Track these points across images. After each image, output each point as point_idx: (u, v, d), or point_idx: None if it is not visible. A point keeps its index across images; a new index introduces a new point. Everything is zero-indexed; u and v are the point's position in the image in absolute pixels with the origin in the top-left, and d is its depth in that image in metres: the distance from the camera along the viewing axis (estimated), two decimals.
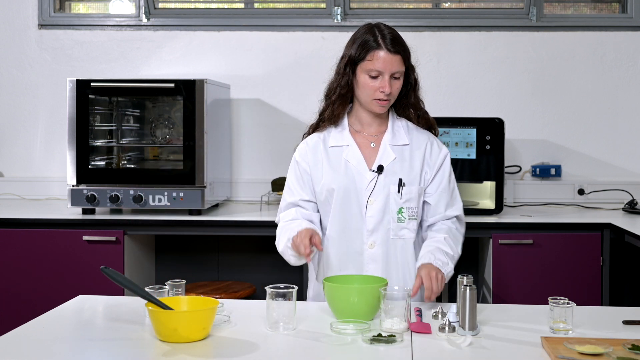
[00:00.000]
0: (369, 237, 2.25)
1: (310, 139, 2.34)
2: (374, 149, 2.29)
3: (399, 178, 2.24)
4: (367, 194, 2.24)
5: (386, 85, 2.19)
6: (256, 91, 4.19)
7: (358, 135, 2.31)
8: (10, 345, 1.75)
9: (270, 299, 1.87)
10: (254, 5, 4.31)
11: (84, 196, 3.56)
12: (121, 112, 3.91)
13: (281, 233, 2.27)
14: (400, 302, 1.87)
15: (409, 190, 2.25)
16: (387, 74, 2.20)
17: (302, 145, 2.34)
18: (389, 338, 1.76)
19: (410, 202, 2.25)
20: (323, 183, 2.27)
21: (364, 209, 2.24)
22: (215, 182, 3.70)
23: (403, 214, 2.24)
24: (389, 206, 2.24)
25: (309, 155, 2.31)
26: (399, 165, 2.26)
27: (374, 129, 2.31)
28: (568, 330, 1.84)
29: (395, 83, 2.23)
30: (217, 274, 4.12)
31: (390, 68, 2.20)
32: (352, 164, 2.26)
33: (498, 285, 3.43)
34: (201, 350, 1.72)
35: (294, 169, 2.33)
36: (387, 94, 2.20)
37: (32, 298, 3.45)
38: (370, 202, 2.24)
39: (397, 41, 2.22)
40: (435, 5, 4.26)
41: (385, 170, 2.25)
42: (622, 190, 3.98)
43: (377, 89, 2.20)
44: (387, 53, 2.19)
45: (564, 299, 1.87)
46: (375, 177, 2.24)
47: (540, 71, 4.13)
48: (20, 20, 4.24)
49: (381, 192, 2.24)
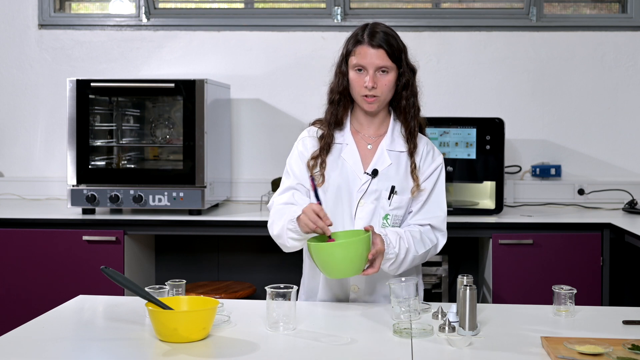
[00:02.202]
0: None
1: (314, 130, 2.31)
2: (370, 151, 2.28)
3: (391, 185, 2.22)
4: (359, 195, 2.22)
5: (369, 79, 2.17)
6: (256, 91, 4.19)
7: (357, 136, 2.30)
8: (10, 345, 1.75)
9: (270, 299, 1.87)
10: (254, 5, 4.31)
11: (84, 196, 3.56)
12: (121, 112, 3.91)
13: (276, 216, 2.20)
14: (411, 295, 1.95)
15: (400, 199, 2.23)
16: (371, 69, 2.17)
17: (305, 134, 2.32)
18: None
19: (397, 210, 2.23)
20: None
21: (354, 210, 2.22)
22: (215, 182, 3.71)
23: (388, 221, 2.22)
24: (378, 210, 2.22)
25: (309, 146, 2.29)
26: (394, 171, 2.24)
27: (372, 130, 2.29)
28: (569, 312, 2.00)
29: (382, 79, 2.19)
30: (217, 274, 4.12)
31: (373, 62, 2.17)
32: (348, 164, 2.25)
33: (498, 285, 3.43)
34: (201, 350, 1.72)
35: (295, 154, 2.30)
36: (369, 88, 2.17)
37: (32, 298, 3.45)
38: (361, 204, 2.22)
39: (382, 36, 2.19)
40: (435, 5, 4.26)
41: (380, 174, 2.23)
42: (622, 190, 3.98)
43: (363, 84, 2.19)
44: (369, 47, 2.18)
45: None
46: (369, 180, 2.23)
47: (540, 71, 4.13)
48: (20, 20, 4.24)
49: (372, 195, 2.22)
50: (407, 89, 2.25)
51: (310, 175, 2.18)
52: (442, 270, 3.78)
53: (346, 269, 1.97)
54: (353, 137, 2.29)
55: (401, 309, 1.94)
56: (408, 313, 1.94)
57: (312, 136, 2.30)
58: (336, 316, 2.04)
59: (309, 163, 2.26)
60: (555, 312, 2.02)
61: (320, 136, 2.28)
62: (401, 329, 1.83)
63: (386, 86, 2.20)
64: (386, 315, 2.01)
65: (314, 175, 2.24)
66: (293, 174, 2.28)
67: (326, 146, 2.26)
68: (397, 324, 1.85)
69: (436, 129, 3.63)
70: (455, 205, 3.66)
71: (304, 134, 2.33)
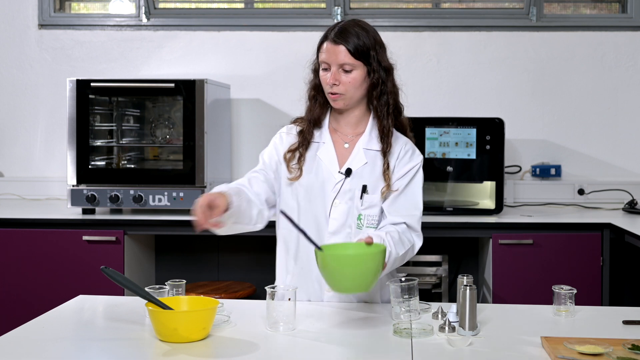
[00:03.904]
0: (330, 238, 2.19)
1: (293, 127, 2.29)
2: (347, 149, 2.24)
3: (363, 184, 2.19)
4: (333, 195, 2.19)
5: (331, 76, 2.14)
6: (256, 91, 4.19)
7: (335, 134, 2.27)
8: (10, 345, 1.75)
9: (270, 299, 1.87)
10: (254, 5, 4.31)
11: (84, 196, 3.56)
12: (121, 112, 3.91)
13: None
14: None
15: (371, 199, 2.19)
16: (334, 66, 2.15)
17: (284, 130, 2.30)
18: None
19: (370, 210, 2.19)
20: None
21: (328, 209, 2.20)
22: (215, 182, 3.70)
23: (361, 221, 2.19)
24: (352, 210, 2.19)
25: (286, 141, 2.27)
26: (368, 171, 2.21)
27: (349, 129, 2.26)
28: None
29: (345, 76, 2.15)
30: (217, 274, 4.12)
31: (333, 59, 2.14)
32: (324, 163, 2.22)
33: (498, 285, 3.43)
34: (201, 350, 1.72)
35: (270, 148, 2.28)
36: (331, 85, 2.15)
37: (32, 298, 3.45)
38: (335, 204, 2.19)
39: (347, 33, 2.15)
40: (435, 5, 4.26)
41: (354, 174, 2.20)
42: (622, 190, 3.98)
43: (327, 82, 2.17)
44: (330, 43, 2.15)
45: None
46: (342, 179, 2.20)
47: (540, 71, 4.13)
48: (20, 20, 4.24)
49: (346, 195, 2.19)
50: (377, 87, 2.20)
51: (281, 211, 2.08)
52: (442, 270, 3.78)
53: (359, 284, 1.84)
54: (331, 135, 2.26)
55: (401, 309, 1.94)
56: (408, 313, 1.94)
57: (291, 133, 2.28)
58: (336, 316, 2.04)
59: (285, 155, 2.23)
60: (555, 312, 2.02)
61: (300, 132, 2.26)
62: (401, 329, 1.83)
63: (350, 84, 2.16)
64: (386, 315, 2.01)
65: (291, 168, 2.21)
66: (262, 161, 2.27)
67: (305, 142, 2.24)
68: (397, 324, 1.85)
69: (436, 129, 3.63)
70: (455, 205, 3.66)
71: (283, 129, 2.31)
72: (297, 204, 2.22)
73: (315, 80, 2.25)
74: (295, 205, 2.22)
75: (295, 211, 2.21)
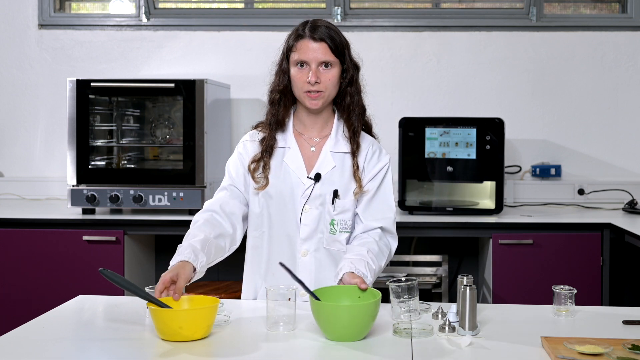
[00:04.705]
0: (302, 244, 2.18)
1: (255, 134, 2.25)
2: (314, 153, 2.21)
3: (334, 189, 2.17)
4: (303, 201, 2.17)
5: (312, 74, 2.12)
6: (256, 91, 4.19)
7: (300, 138, 2.23)
8: (10, 345, 1.75)
9: (270, 299, 1.87)
10: (254, 5, 4.31)
11: (84, 196, 3.56)
12: (121, 112, 3.91)
13: (194, 226, 2.14)
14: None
15: (343, 203, 2.17)
16: (314, 63, 2.12)
17: (247, 137, 2.26)
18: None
19: (343, 214, 2.18)
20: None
21: (299, 216, 2.17)
22: (215, 182, 3.70)
23: (335, 226, 2.18)
24: (324, 216, 2.17)
25: (250, 149, 2.23)
26: (337, 174, 2.19)
27: (315, 132, 2.23)
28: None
29: (325, 74, 2.13)
30: (217, 274, 4.12)
31: (314, 56, 2.12)
32: (291, 168, 2.19)
33: (498, 285, 3.43)
34: (201, 350, 1.72)
35: (235, 159, 2.25)
36: (312, 83, 2.11)
37: (32, 298, 3.45)
38: (306, 210, 2.17)
39: (323, 30, 2.14)
40: (435, 5, 4.26)
41: (323, 178, 2.18)
42: (622, 190, 3.98)
43: (305, 80, 2.13)
44: (310, 41, 2.13)
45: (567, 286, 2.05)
46: (312, 184, 2.17)
47: (540, 71, 4.13)
48: (20, 20, 4.24)
49: (317, 200, 2.17)
50: (351, 85, 2.19)
51: (280, 263, 1.98)
52: (442, 270, 3.78)
53: (354, 333, 1.79)
54: (296, 139, 2.22)
55: (401, 309, 1.94)
56: (408, 313, 1.94)
57: (254, 140, 2.24)
58: None
59: (249, 166, 2.20)
60: (555, 312, 2.02)
61: (262, 139, 2.22)
62: (401, 329, 1.83)
63: (330, 81, 2.14)
64: (386, 315, 2.01)
65: (257, 178, 2.18)
66: (229, 175, 2.24)
67: (268, 149, 2.20)
68: (397, 324, 1.85)
69: (436, 129, 3.63)
70: (455, 205, 3.66)
71: (246, 137, 2.27)
72: (268, 212, 2.20)
73: (283, 82, 2.20)
74: (265, 213, 2.20)
75: (266, 219, 2.20)
